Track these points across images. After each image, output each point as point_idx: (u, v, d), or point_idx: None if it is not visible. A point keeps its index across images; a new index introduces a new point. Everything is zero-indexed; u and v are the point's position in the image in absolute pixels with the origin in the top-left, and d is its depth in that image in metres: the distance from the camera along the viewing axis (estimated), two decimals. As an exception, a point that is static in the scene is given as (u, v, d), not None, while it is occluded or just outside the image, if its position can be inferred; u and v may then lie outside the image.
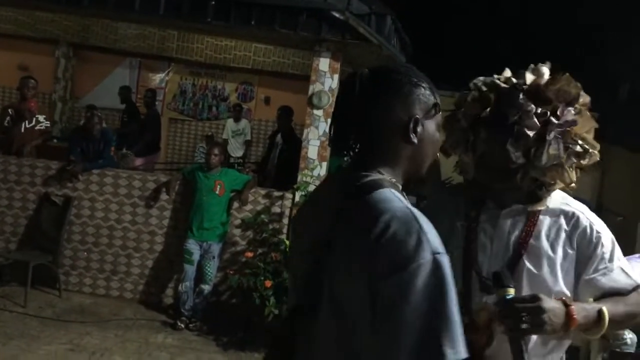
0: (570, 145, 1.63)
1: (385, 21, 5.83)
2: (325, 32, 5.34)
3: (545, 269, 1.63)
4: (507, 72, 1.73)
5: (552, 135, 1.58)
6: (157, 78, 10.59)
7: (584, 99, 1.67)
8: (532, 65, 1.70)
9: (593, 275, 1.64)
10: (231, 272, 5.52)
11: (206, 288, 5.40)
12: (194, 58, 9.99)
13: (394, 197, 1.20)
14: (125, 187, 5.81)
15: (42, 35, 9.69)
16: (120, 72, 10.40)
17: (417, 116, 1.28)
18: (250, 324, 5.20)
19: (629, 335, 4.46)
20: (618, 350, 4.49)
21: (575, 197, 1.77)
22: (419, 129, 1.28)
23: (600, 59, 9.56)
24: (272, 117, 8.29)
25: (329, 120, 5.25)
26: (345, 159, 1.33)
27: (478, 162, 1.68)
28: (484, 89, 1.68)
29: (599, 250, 1.64)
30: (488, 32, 11.05)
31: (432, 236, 1.13)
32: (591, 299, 1.63)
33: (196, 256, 5.40)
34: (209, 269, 5.39)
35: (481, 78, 1.73)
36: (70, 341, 4.67)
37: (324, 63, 5.60)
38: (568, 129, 1.61)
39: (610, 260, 1.65)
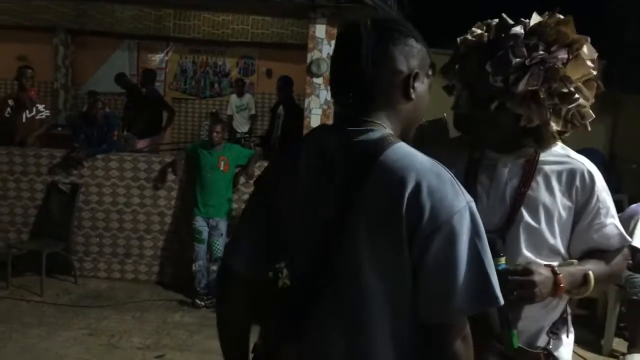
0: (555, 85, 1.55)
1: (379, -19, 5.69)
2: (319, -3, 5.23)
3: (543, 221, 1.59)
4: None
5: (534, 62, 1.53)
6: (157, 58, 10.53)
7: (583, 45, 1.60)
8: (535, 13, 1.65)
9: (586, 228, 1.61)
10: (242, 247, 5.50)
11: (217, 266, 5.41)
12: (191, 35, 9.89)
13: (414, 150, 1.19)
14: (131, 170, 5.80)
15: (39, 24, 9.63)
16: (119, 55, 10.36)
17: (417, 71, 1.24)
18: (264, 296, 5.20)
19: (646, 283, 4.40)
20: (635, 297, 4.45)
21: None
22: (417, 84, 1.25)
23: (604, 6, 9.31)
24: (275, 90, 8.21)
25: (329, 88, 5.15)
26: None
27: (467, 93, 1.65)
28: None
29: (595, 204, 1.60)
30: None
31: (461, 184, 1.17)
32: (576, 261, 1.61)
33: (205, 234, 5.40)
34: (217, 246, 5.38)
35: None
36: (88, 326, 4.72)
37: (320, 30, 5.50)
38: (556, 65, 1.55)
39: (605, 215, 1.61)
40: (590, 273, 1.56)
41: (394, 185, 1.12)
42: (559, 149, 1.66)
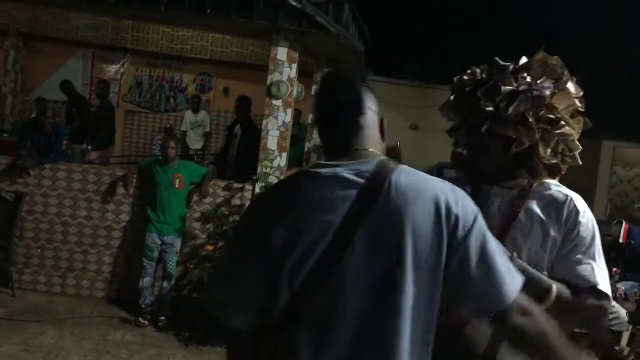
0: (542, 112, 1.66)
1: (343, 10, 5.78)
2: (283, 21, 5.25)
3: (525, 254, 1.64)
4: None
5: (521, 88, 1.65)
6: (112, 69, 10.33)
7: (568, 81, 1.73)
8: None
9: (564, 258, 1.66)
10: (191, 266, 5.43)
11: (170, 283, 5.31)
12: (149, 49, 9.77)
13: (418, 171, 1.38)
14: (80, 182, 5.64)
15: (-10, 27, 9.33)
16: (73, 64, 10.12)
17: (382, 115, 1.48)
18: (211, 318, 5.12)
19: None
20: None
21: None
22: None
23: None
24: (232, 109, 8.17)
25: (289, 111, 5.13)
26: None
27: (465, 125, 1.76)
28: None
29: (578, 239, 1.65)
30: (446, 24, 11.13)
31: None
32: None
33: (157, 252, 5.29)
34: (172, 264, 5.29)
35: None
36: (24, 342, 4.52)
37: (282, 52, 5.52)
38: (541, 94, 1.66)
39: (585, 252, 1.65)
40: (554, 287, 1.57)
41: (427, 192, 1.30)
42: (553, 184, 1.73)
